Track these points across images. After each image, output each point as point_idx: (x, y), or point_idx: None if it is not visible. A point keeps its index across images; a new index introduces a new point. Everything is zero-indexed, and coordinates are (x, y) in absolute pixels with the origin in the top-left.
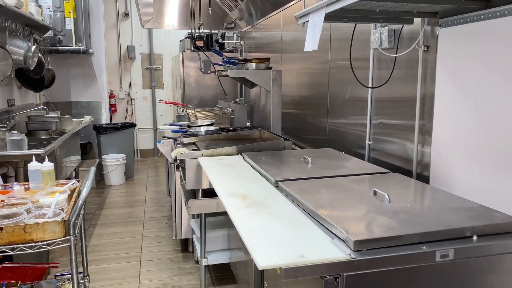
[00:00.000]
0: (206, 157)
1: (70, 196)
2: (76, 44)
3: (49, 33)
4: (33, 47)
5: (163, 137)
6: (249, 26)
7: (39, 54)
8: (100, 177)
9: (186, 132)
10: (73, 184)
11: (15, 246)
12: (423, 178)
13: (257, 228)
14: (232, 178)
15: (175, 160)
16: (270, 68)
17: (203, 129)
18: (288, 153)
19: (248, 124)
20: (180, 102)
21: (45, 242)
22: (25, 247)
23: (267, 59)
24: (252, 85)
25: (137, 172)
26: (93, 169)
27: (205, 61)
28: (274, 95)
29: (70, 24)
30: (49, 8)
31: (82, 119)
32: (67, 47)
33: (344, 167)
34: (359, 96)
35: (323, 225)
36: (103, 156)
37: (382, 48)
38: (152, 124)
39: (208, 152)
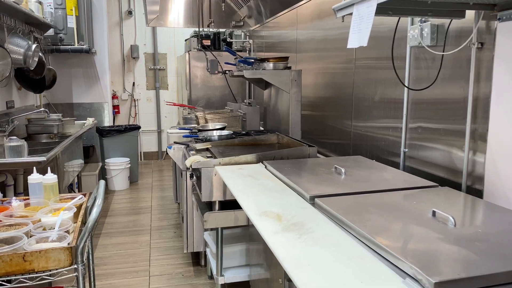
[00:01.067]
0: (224, 166)
1: (76, 214)
2: (78, 43)
3: (50, 32)
4: (34, 46)
5: (175, 142)
6: (258, 25)
7: (40, 54)
8: None
9: (198, 136)
10: (79, 199)
11: (13, 277)
12: (475, 192)
13: (305, 261)
14: (258, 192)
15: (190, 168)
16: (289, 68)
17: (216, 133)
18: (314, 161)
19: (261, 128)
20: (186, 103)
21: (48, 273)
22: (24, 278)
23: (285, 58)
24: (266, 86)
25: (141, 176)
26: (102, 184)
27: (212, 61)
28: (293, 97)
29: (72, 22)
30: (50, 5)
31: (84, 121)
32: (69, 46)
33: (383, 179)
34: (392, 97)
35: (385, 258)
36: (106, 160)
37: (422, 45)
38: (156, 126)
39: (226, 160)
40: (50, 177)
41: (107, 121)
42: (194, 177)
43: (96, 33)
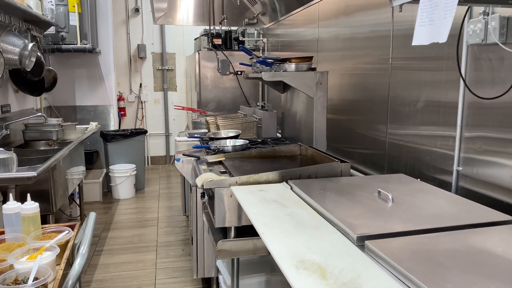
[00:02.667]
0: (242, 185)
1: (61, 253)
2: (81, 42)
3: (51, 30)
4: (30, 45)
5: (184, 154)
6: (273, 22)
7: (38, 53)
8: (107, 189)
9: (210, 147)
10: (66, 234)
11: None
12: None
13: None
14: (288, 227)
15: (201, 187)
16: (313, 69)
17: (229, 143)
18: (349, 182)
19: (278, 135)
20: (195, 106)
21: None
22: None
23: (309, 58)
24: (284, 88)
25: (148, 183)
26: (92, 220)
27: (224, 61)
28: (318, 102)
29: (74, 20)
30: (51, 1)
31: (87, 126)
32: (71, 46)
33: (441, 209)
34: (441, 100)
35: None
36: (110, 167)
37: (485, 43)
38: (164, 129)
39: (243, 179)
40: (30, 206)
41: (112, 125)
42: (206, 197)
43: (101, 32)
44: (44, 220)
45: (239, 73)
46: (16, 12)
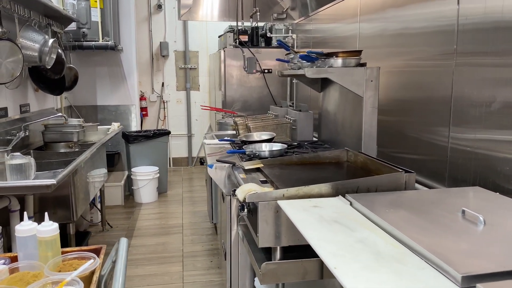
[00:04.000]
0: (290, 199)
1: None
2: (103, 39)
3: (72, 26)
4: (51, 41)
5: (218, 161)
6: (303, 17)
7: (59, 50)
8: (129, 192)
9: (245, 151)
10: (91, 264)
11: None
12: None
13: None
14: (366, 260)
15: (243, 201)
16: (363, 65)
17: (266, 148)
18: (420, 197)
19: (314, 138)
20: (219, 106)
21: None
22: None
23: (357, 53)
24: (322, 87)
25: (171, 186)
26: (124, 248)
27: (250, 58)
28: (368, 102)
29: (96, 16)
30: None
31: (109, 126)
32: (93, 43)
33: None
34: None
35: None
36: (132, 169)
37: None
38: (186, 129)
39: (292, 192)
40: (48, 228)
41: (134, 125)
42: (246, 210)
43: (123, 29)
44: (64, 229)
45: (266, 71)
46: (36, 6)
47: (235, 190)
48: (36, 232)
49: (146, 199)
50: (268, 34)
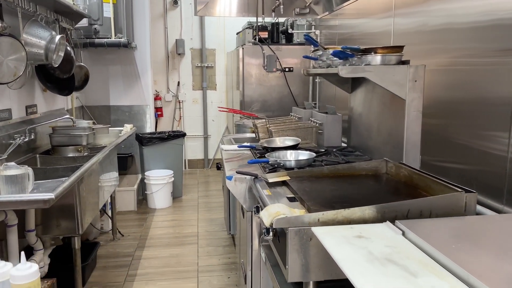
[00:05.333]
0: (326, 225)
1: None
2: (115, 36)
3: (83, 22)
4: (58, 37)
5: (238, 172)
6: (327, 12)
7: (68, 48)
8: (142, 197)
9: (268, 161)
10: None
11: None
12: None
13: None
14: None
15: (270, 226)
16: (406, 62)
17: (291, 157)
18: (490, 225)
19: (344, 144)
20: (237, 106)
21: None
22: None
23: (399, 48)
24: (353, 87)
25: (186, 190)
26: None
27: (270, 56)
28: (411, 105)
29: (108, 11)
30: None
31: (121, 128)
32: (105, 40)
33: None
34: None
35: None
36: (146, 173)
37: None
38: (202, 131)
39: (329, 216)
40: (25, 272)
41: (149, 127)
42: (271, 234)
43: (137, 25)
44: (69, 243)
45: (287, 69)
46: (43, 1)
47: (257, 207)
48: (9, 277)
49: (160, 204)
50: (290, 31)
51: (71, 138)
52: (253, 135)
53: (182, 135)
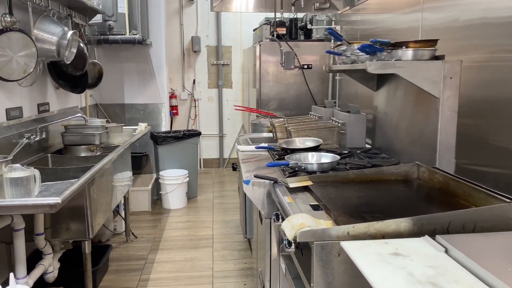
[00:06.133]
0: (356, 239)
1: None
2: (130, 32)
3: (97, 18)
4: (70, 33)
5: (255, 176)
6: (348, 7)
7: (80, 43)
8: (157, 197)
9: (289, 164)
10: None
11: None
12: None
13: None
14: None
15: (293, 240)
16: (440, 58)
17: (313, 159)
18: None
19: (367, 145)
20: (254, 105)
21: None
22: None
23: (433, 42)
24: (379, 84)
25: (201, 190)
26: None
27: (288, 53)
28: (445, 104)
29: (123, 7)
30: None
31: (135, 127)
32: (119, 36)
33: None
34: None
35: None
36: (161, 172)
37: None
38: (217, 129)
39: (360, 228)
40: None
41: (164, 125)
42: (293, 246)
43: (152, 22)
44: (78, 250)
45: (305, 66)
46: None
47: (277, 214)
48: None
49: (174, 205)
50: (308, 26)
51: (83, 137)
52: (270, 134)
53: (197, 134)
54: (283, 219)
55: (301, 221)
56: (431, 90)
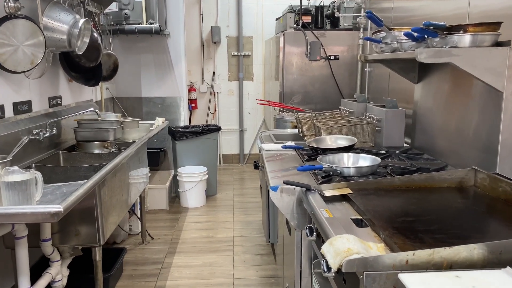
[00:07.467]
0: (416, 269)
1: None
2: (147, 22)
3: (113, 7)
4: (82, 21)
5: (285, 182)
6: None
7: (94, 33)
8: (175, 194)
9: (322, 167)
10: None
11: None
12: None
13: None
14: None
15: (338, 268)
16: (504, 44)
17: (348, 161)
18: None
19: (406, 145)
20: (276, 98)
21: None
22: None
23: (496, 25)
24: (420, 76)
25: (220, 187)
26: None
27: (314, 42)
28: (510, 99)
29: None
30: None
31: (152, 122)
32: (136, 26)
33: None
34: None
35: None
36: (179, 169)
37: None
38: (237, 124)
39: (422, 256)
40: None
41: (182, 120)
42: (333, 271)
43: (170, 11)
44: (89, 252)
45: (332, 57)
46: None
47: (311, 228)
48: None
49: (193, 203)
50: (336, 14)
51: (97, 133)
52: (295, 131)
53: (217, 129)
54: (318, 235)
55: (347, 245)
56: (493, 83)
